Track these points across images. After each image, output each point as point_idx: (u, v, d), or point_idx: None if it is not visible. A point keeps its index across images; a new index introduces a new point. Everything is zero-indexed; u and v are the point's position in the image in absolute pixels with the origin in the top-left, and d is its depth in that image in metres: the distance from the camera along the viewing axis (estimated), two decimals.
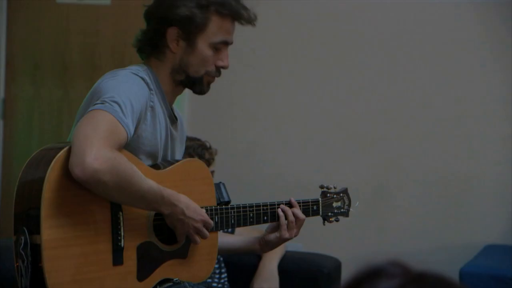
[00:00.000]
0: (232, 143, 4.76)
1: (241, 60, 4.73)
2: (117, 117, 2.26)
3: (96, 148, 2.16)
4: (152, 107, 2.44)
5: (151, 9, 2.53)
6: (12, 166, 4.94)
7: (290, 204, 2.69)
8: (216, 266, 3.54)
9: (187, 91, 4.66)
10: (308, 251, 4.21)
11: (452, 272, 3.92)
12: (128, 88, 2.35)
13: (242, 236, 2.89)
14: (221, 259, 3.56)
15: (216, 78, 2.60)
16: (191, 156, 3.40)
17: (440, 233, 4.52)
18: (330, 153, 4.64)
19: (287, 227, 2.66)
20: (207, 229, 2.45)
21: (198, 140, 3.52)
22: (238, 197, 2.86)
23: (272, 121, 4.73)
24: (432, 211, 4.54)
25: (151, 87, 2.44)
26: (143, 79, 2.42)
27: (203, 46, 2.48)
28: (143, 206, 2.35)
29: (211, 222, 2.46)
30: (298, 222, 2.67)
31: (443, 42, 4.55)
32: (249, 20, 2.54)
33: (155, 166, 2.49)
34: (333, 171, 4.58)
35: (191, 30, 2.46)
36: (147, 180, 2.29)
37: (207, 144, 3.51)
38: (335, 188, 2.87)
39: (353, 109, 4.62)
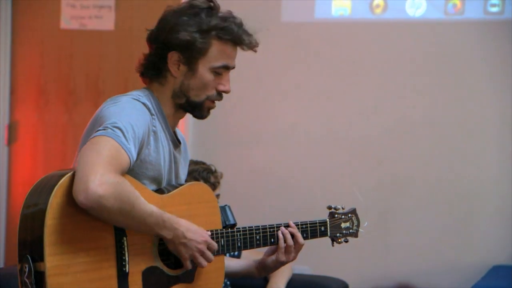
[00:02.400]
0: (237, 165, 4.75)
1: (245, 82, 4.74)
2: (120, 143, 2.26)
3: (100, 174, 2.16)
4: (155, 132, 2.44)
5: (153, 33, 2.54)
6: (18, 191, 4.94)
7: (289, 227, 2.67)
8: None
9: (188, 115, 4.67)
10: (315, 273, 4.19)
11: None
12: (129, 114, 2.35)
13: (240, 260, 2.87)
14: (228, 282, 3.55)
15: (220, 101, 2.59)
16: (196, 179, 3.40)
17: (447, 254, 4.50)
18: (337, 174, 4.64)
19: (285, 250, 2.65)
20: (210, 251, 2.43)
21: (203, 163, 3.52)
22: (245, 220, 2.85)
23: (277, 143, 4.72)
24: (440, 232, 4.52)
25: (153, 112, 2.44)
26: (144, 104, 2.42)
27: (203, 70, 2.48)
28: (146, 230, 2.34)
29: (215, 244, 2.44)
30: (297, 246, 2.66)
31: (447, 61, 4.56)
32: (250, 45, 2.53)
33: (159, 190, 2.48)
34: (340, 191, 4.57)
35: (191, 54, 2.46)
36: (149, 204, 2.28)
37: (213, 168, 3.51)
38: (343, 208, 2.86)
39: (359, 130, 4.62)
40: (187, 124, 4.79)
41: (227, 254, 3.52)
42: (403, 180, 4.56)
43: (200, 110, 2.53)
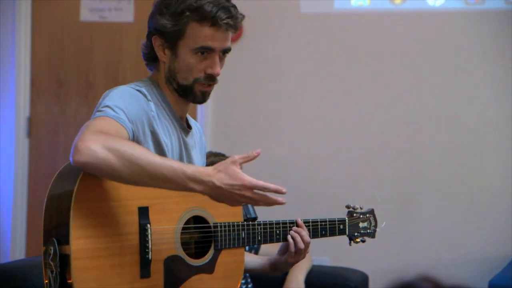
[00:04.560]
0: (256, 160, 4.74)
1: (265, 74, 4.74)
2: (110, 115, 2.28)
3: (88, 134, 2.16)
4: (154, 117, 2.43)
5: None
6: (38, 184, 4.97)
7: (297, 225, 2.66)
8: (243, 281, 3.53)
9: (209, 107, 4.67)
10: (334, 265, 4.19)
11: (481, 284, 3.89)
12: (120, 98, 2.36)
13: (256, 257, 2.88)
14: (247, 274, 3.56)
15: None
16: None
17: (468, 245, 4.49)
18: (356, 165, 4.63)
19: (295, 253, 2.65)
20: (260, 189, 2.24)
21: (223, 155, 3.52)
22: (264, 213, 2.85)
23: (296, 135, 4.72)
24: (460, 223, 4.50)
25: (149, 98, 2.43)
26: (139, 91, 2.42)
27: (184, 53, 2.45)
28: (165, 184, 2.19)
29: (257, 182, 2.24)
30: (305, 246, 2.66)
31: (468, 51, 4.53)
32: (229, 25, 2.44)
33: None
34: (359, 184, 4.56)
35: (170, 38, 2.45)
36: (159, 156, 2.21)
37: None
38: (361, 208, 2.87)
39: (378, 121, 4.61)
40: (207, 116, 4.79)
41: (247, 247, 3.53)
42: (422, 171, 4.55)
43: (192, 94, 2.48)
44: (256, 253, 3.50)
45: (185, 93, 2.49)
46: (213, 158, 3.45)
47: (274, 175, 4.73)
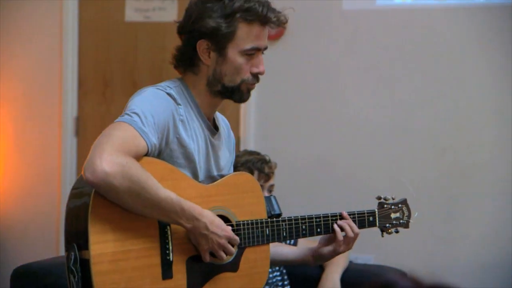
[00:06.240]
0: (300, 155, 4.75)
1: (307, 71, 4.74)
2: (135, 127, 2.28)
3: (107, 153, 2.17)
4: (182, 121, 2.44)
5: (181, 24, 2.55)
6: None
7: (342, 217, 2.67)
8: (279, 278, 3.54)
9: (252, 106, 4.68)
10: (378, 263, 4.16)
11: None
12: (150, 102, 2.37)
13: (296, 248, 2.88)
14: (284, 271, 3.56)
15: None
16: (250, 170, 3.41)
17: None
18: (400, 163, 4.59)
19: (344, 242, 2.65)
20: (232, 245, 2.42)
21: (258, 154, 3.52)
22: (306, 210, 2.85)
23: (339, 134, 4.70)
24: (505, 221, 4.43)
25: (179, 101, 2.44)
26: (169, 94, 2.43)
27: (234, 54, 2.46)
28: (161, 217, 2.31)
29: (237, 238, 2.43)
30: (354, 236, 2.66)
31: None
32: (278, 22, 2.50)
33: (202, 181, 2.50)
34: (403, 181, 4.51)
35: (219, 40, 2.45)
36: (165, 190, 2.27)
37: (267, 158, 3.50)
38: (393, 199, 2.84)
39: (422, 118, 4.57)
40: (250, 114, 4.81)
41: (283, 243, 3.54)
42: (468, 169, 4.48)
43: (238, 94, 2.51)
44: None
45: (231, 94, 2.52)
46: (247, 157, 3.46)
47: (316, 173, 4.73)
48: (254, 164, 3.43)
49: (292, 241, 3.55)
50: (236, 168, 3.39)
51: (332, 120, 4.72)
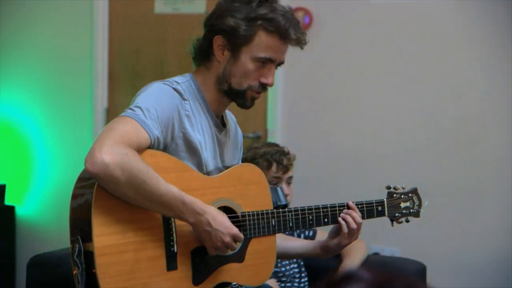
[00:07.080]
0: (325, 149, 4.76)
1: (333, 64, 4.73)
2: (137, 120, 2.29)
3: (107, 144, 2.18)
4: (188, 116, 2.45)
5: (206, 17, 2.57)
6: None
7: (348, 207, 2.67)
8: (297, 270, 3.55)
9: (279, 96, 4.68)
10: (403, 256, 4.16)
11: None
12: (155, 97, 2.38)
13: (304, 241, 2.89)
14: (302, 263, 3.58)
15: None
16: (269, 162, 3.41)
17: None
18: (424, 155, 4.57)
19: (348, 234, 2.65)
20: (236, 242, 2.41)
21: (277, 145, 3.52)
22: (328, 199, 2.86)
23: (365, 126, 4.69)
24: None
25: (186, 96, 2.46)
26: (175, 89, 2.44)
27: (246, 58, 2.47)
28: (163, 210, 2.31)
29: (241, 235, 2.41)
30: (358, 227, 2.66)
31: None
32: (297, 41, 2.49)
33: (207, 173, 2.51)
34: (426, 173, 4.50)
35: (235, 41, 2.46)
36: (166, 183, 2.26)
37: (286, 150, 3.50)
38: (403, 188, 2.82)
39: (448, 112, 4.54)
40: (277, 105, 4.83)
41: (302, 236, 3.55)
42: (493, 161, 4.45)
43: (242, 99, 2.52)
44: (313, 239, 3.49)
45: (235, 97, 2.52)
46: (266, 149, 3.46)
47: (342, 165, 4.73)
48: (272, 156, 3.43)
49: (311, 232, 3.56)
50: (254, 159, 3.41)
51: (358, 112, 4.71)
